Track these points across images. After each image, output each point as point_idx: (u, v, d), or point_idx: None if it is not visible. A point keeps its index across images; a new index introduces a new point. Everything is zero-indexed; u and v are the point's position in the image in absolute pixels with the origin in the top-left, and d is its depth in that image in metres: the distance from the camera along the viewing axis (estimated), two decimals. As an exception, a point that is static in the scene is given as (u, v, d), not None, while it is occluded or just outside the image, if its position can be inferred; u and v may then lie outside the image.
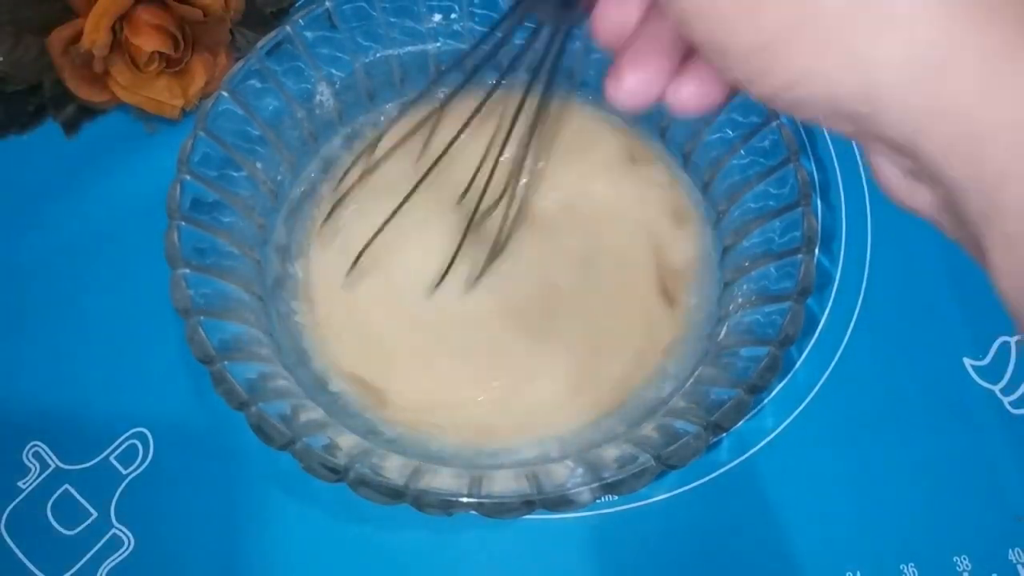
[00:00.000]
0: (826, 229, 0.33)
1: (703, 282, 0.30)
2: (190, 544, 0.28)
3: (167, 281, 0.25)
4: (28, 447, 0.29)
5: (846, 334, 0.31)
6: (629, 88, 0.18)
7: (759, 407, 0.30)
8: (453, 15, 0.32)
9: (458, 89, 0.27)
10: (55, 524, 0.28)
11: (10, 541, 0.28)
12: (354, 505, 0.24)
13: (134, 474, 0.29)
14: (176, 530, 0.28)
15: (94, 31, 0.29)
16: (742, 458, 0.29)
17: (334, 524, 0.28)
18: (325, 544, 0.28)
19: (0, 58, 0.31)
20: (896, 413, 0.30)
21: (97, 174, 0.33)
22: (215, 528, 0.28)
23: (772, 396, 0.30)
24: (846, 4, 0.13)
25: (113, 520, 0.28)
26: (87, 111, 0.33)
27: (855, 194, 0.34)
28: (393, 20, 0.31)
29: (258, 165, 0.30)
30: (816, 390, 0.30)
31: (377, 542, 0.28)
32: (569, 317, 0.29)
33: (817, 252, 0.27)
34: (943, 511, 0.28)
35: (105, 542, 0.28)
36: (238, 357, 0.25)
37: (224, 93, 0.28)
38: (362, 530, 0.28)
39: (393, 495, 0.23)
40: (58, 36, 0.30)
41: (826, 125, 0.16)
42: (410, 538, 0.28)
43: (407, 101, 0.29)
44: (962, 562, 0.28)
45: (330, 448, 0.24)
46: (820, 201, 0.33)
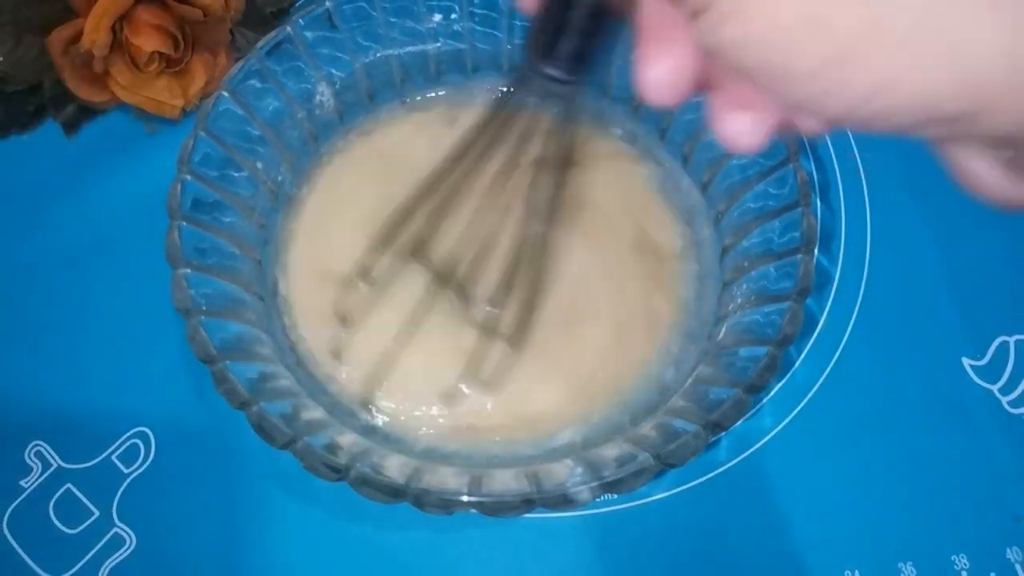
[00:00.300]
0: (825, 229, 0.33)
1: (702, 282, 0.30)
2: (191, 543, 0.28)
3: (168, 281, 0.25)
4: (30, 446, 0.29)
5: (845, 334, 0.31)
6: (743, 128, 0.15)
7: (758, 407, 0.30)
8: (453, 15, 0.32)
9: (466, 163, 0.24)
10: (57, 523, 0.28)
11: (12, 540, 0.28)
12: (355, 504, 0.24)
13: (136, 473, 0.29)
14: (177, 529, 0.28)
15: (94, 31, 0.29)
16: (741, 457, 0.29)
17: (335, 523, 0.28)
18: (325, 543, 0.28)
19: (0, 58, 0.31)
20: (895, 413, 0.30)
21: (97, 174, 0.33)
22: (216, 527, 0.28)
23: (771, 396, 0.30)
24: None
25: (115, 519, 0.28)
26: (87, 111, 0.33)
27: (854, 194, 0.34)
28: (393, 20, 0.31)
29: (258, 165, 0.30)
30: (815, 390, 0.30)
31: (377, 541, 0.28)
32: (569, 320, 0.29)
33: (816, 252, 0.27)
34: (941, 510, 0.28)
35: (107, 541, 0.28)
36: (239, 357, 0.25)
37: (224, 93, 0.28)
38: (363, 529, 0.28)
39: (394, 494, 0.23)
40: (58, 36, 0.30)
41: (910, 134, 0.14)
42: (410, 537, 0.28)
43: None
44: (960, 561, 0.28)
45: (331, 447, 0.24)
46: (819, 201, 0.34)
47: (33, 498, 0.28)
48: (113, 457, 0.29)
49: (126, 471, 0.29)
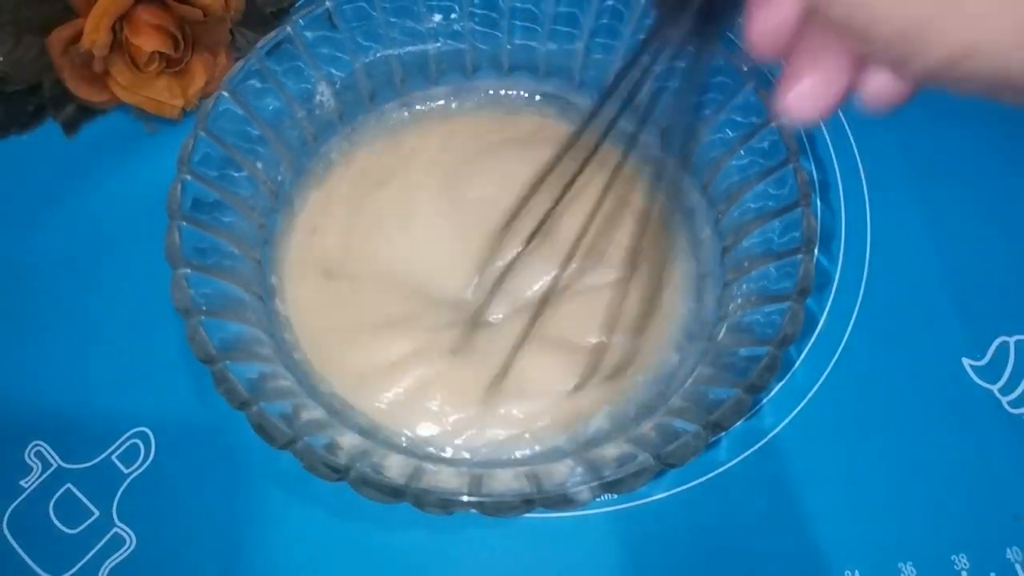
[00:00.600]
0: (825, 229, 0.33)
1: (702, 282, 0.30)
2: (191, 543, 0.28)
3: (167, 281, 0.25)
4: (30, 446, 0.29)
5: (845, 334, 0.31)
6: (806, 91, 0.17)
7: (758, 407, 0.30)
8: (453, 15, 0.32)
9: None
10: (57, 523, 0.28)
11: (12, 540, 0.28)
12: (355, 504, 0.24)
13: (136, 473, 0.29)
14: (177, 529, 0.28)
15: (94, 31, 0.29)
16: (741, 457, 0.29)
17: (335, 523, 0.28)
18: (325, 543, 0.28)
19: (0, 58, 0.31)
20: (895, 413, 0.30)
21: (97, 174, 0.33)
22: (216, 527, 0.28)
23: (771, 396, 0.30)
24: None
25: (115, 519, 0.28)
26: (87, 111, 0.33)
27: (854, 194, 0.34)
28: (393, 20, 0.31)
29: (258, 165, 0.30)
30: (815, 390, 0.30)
31: (377, 541, 0.28)
32: (568, 317, 0.29)
33: (816, 252, 0.27)
34: (941, 510, 0.28)
35: (107, 541, 0.28)
36: (239, 357, 0.25)
37: (224, 93, 0.28)
38: (363, 529, 0.28)
39: (394, 494, 0.23)
40: (58, 36, 0.30)
41: (990, 98, 0.15)
42: (410, 537, 0.28)
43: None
44: (960, 561, 0.28)
45: (331, 447, 0.24)
46: (819, 201, 0.34)
47: (33, 498, 0.28)
48: (113, 457, 0.29)
49: (126, 471, 0.29)
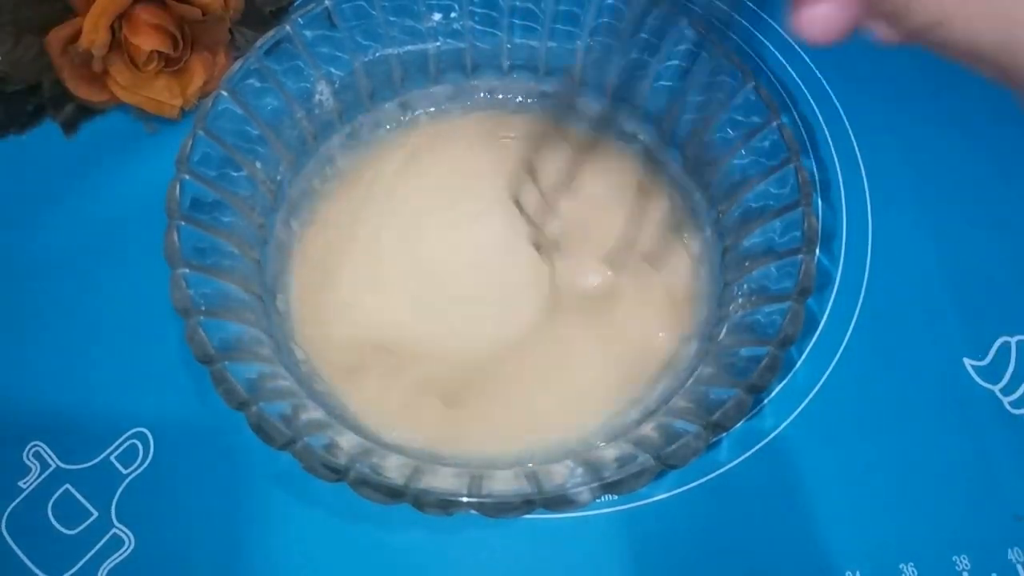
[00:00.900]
0: (827, 229, 0.33)
1: (703, 282, 0.30)
2: (190, 544, 0.28)
3: (167, 281, 0.25)
4: (28, 447, 0.29)
5: (846, 334, 0.31)
6: (820, 15, 0.17)
7: (759, 407, 0.30)
8: (453, 14, 0.32)
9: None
10: (55, 524, 0.28)
11: (11, 541, 0.28)
12: (354, 505, 0.24)
13: (134, 474, 0.29)
14: (176, 530, 0.28)
15: (93, 31, 0.29)
16: (742, 458, 0.29)
17: (335, 523, 0.28)
18: (325, 544, 0.28)
19: (-1, 57, 0.31)
20: (896, 413, 0.30)
21: (96, 174, 0.33)
22: (215, 528, 0.28)
23: (772, 396, 0.30)
24: None
25: (113, 520, 0.28)
26: (86, 111, 0.33)
27: (856, 194, 0.34)
28: (393, 19, 0.31)
29: (258, 165, 0.30)
30: (816, 390, 0.30)
31: (377, 542, 0.28)
32: (576, 324, 0.29)
33: (818, 252, 0.27)
34: (943, 511, 0.28)
35: (106, 542, 0.28)
36: (238, 357, 0.25)
37: (223, 92, 0.28)
38: (362, 530, 0.28)
39: (393, 495, 0.23)
40: (57, 36, 0.30)
41: (973, 69, 0.16)
42: (410, 538, 0.28)
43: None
44: (961, 561, 0.28)
45: (330, 448, 0.24)
46: (821, 201, 0.33)
47: (32, 499, 0.28)
48: (112, 458, 0.29)
49: (125, 472, 0.29)
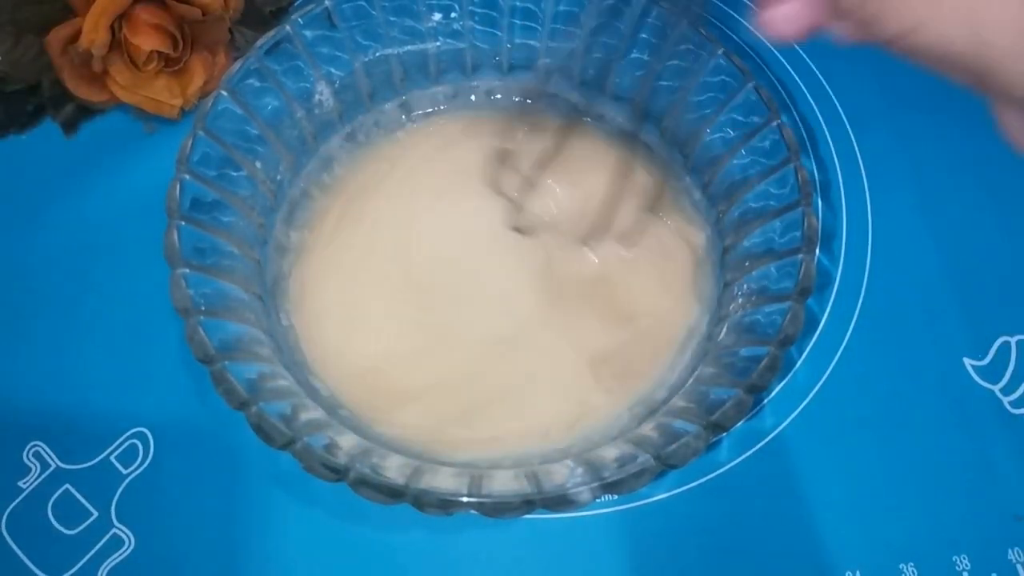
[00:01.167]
0: (827, 229, 0.33)
1: (703, 282, 0.30)
2: (190, 544, 0.28)
3: (167, 281, 0.25)
4: (28, 447, 0.29)
5: (846, 334, 0.31)
6: (786, 13, 0.18)
7: (759, 407, 0.30)
8: (453, 14, 0.32)
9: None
10: (55, 524, 0.28)
11: (11, 541, 0.28)
12: (354, 505, 0.24)
13: (134, 474, 0.29)
14: (176, 530, 0.28)
15: (93, 30, 0.29)
16: (742, 458, 0.29)
17: (334, 524, 0.28)
18: (325, 544, 0.28)
19: (-1, 57, 0.31)
20: (896, 413, 0.30)
21: (96, 174, 0.33)
22: (215, 528, 0.28)
23: (772, 396, 0.30)
24: None
25: (113, 520, 0.28)
26: (86, 111, 0.33)
27: (856, 194, 0.34)
28: (393, 19, 0.31)
29: (258, 164, 0.30)
30: (816, 390, 0.30)
31: (377, 542, 0.28)
32: (576, 319, 0.29)
33: (818, 252, 0.27)
34: (943, 511, 0.28)
35: (105, 542, 0.28)
36: (238, 357, 0.25)
37: (223, 92, 0.28)
38: (362, 530, 0.28)
39: (393, 495, 0.23)
40: (57, 36, 0.30)
41: (946, 75, 0.16)
42: (410, 538, 0.28)
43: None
44: (961, 562, 0.28)
45: (330, 448, 0.24)
46: (821, 201, 0.33)
47: (32, 499, 0.28)
48: (112, 458, 0.29)
49: (125, 472, 0.29)
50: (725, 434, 0.29)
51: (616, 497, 0.28)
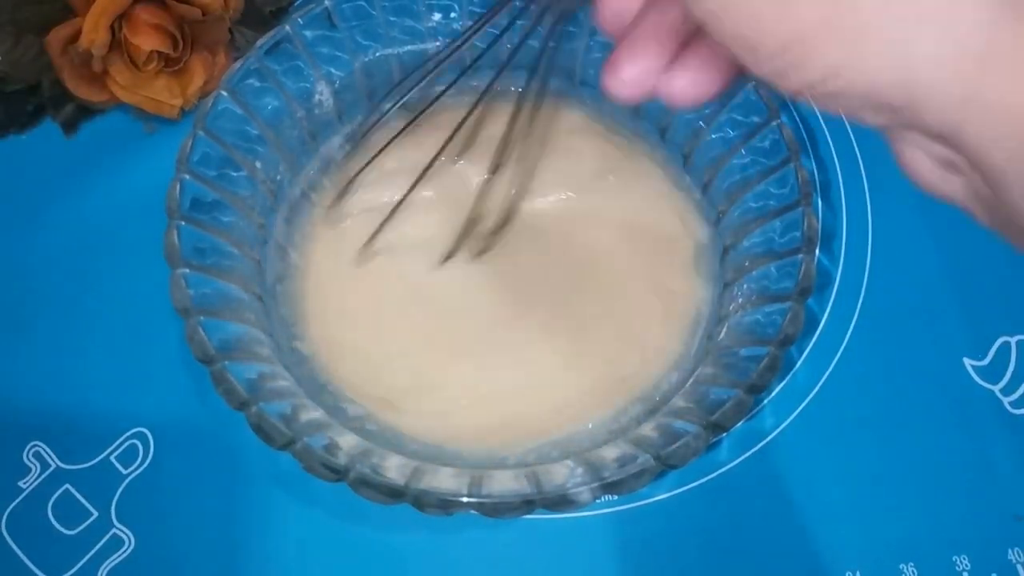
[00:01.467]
0: (827, 229, 0.33)
1: (703, 282, 0.30)
2: (190, 544, 0.28)
3: (167, 281, 0.25)
4: (28, 447, 0.29)
5: (846, 334, 0.31)
6: (626, 79, 0.18)
7: (759, 407, 0.30)
8: (453, 14, 0.32)
9: (450, 86, 0.28)
10: (55, 524, 0.28)
11: (11, 541, 0.28)
12: (354, 505, 0.24)
13: (134, 474, 0.29)
14: (176, 530, 0.28)
15: (93, 30, 0.29)
16: (742, 458, 0.29)
17: (334, 524, 0.28)
18: (325, 544, 0.28)
19: (-1, 57, 0.31)
20: (896, 413, 0.30)
21: (96, 174, 0.33)
22: (215, 528, 0.28)
23: (772, 396, 0.30)
24: None
25: (113, 520, 0.28)
26: (86, 111, 0.33)
27: (856, 194, 0.34)
28: (393, 19, 0.31)
29: (257, 164, 0.30)
30: (816, 390, 0.30)
31: (377, 542, 0.28)
32: (571, 319, 0.29)
33: (817, 252, 0.27)
34: (943, 511, 0.28)
35: (105, 542, 0.28)
36: (238, 357, 0.25)
37: (223, 92, 0.28)
38: (362, 530, 0.28)
39: (393, 495, 0.23)
40: (57, 36, 0.30)
41: (858, 117, 0.16)
42: (410, 538, 0.28)
43: (401, 98, 0.30)
44: (962, 562, 0.28)
45: (330, 448, 0.24)
46: (821, 201, 0.33)
47: (31, 499, 0.28)
48: (112, 458, 0.29)
49: (125, 472, 0.29)
50: (725, 434, 0.29)
51: (616, 497, 0.28)
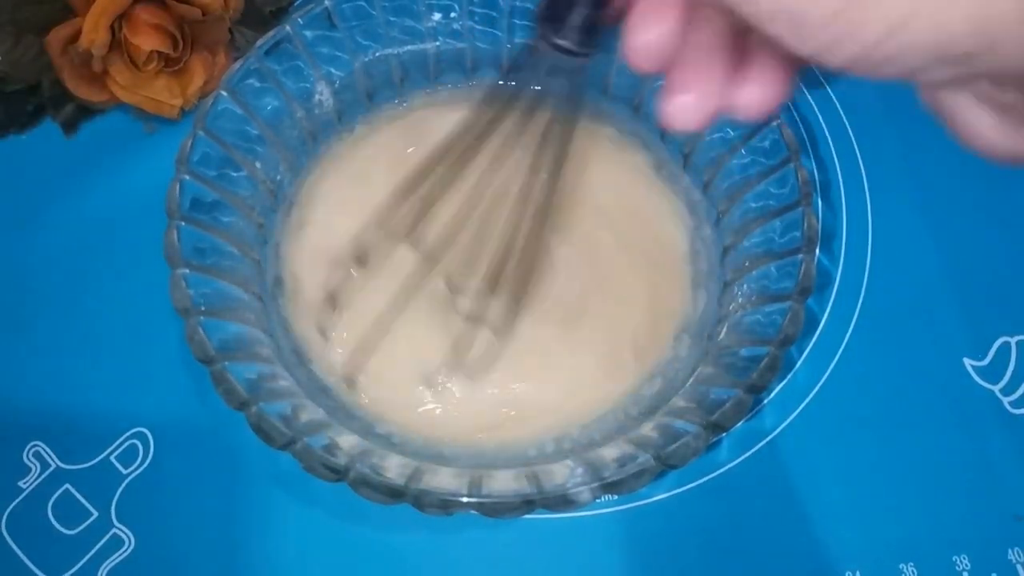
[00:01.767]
0: (827, 229, 0.33)
1: (702, 281, 0.30)
2: (190, 544, 0.28)
3: (167, 281, 0.25)
4: (28, 447, 0.29)
5: (846, 334, 0.31)
6: (686, 106, 0.17)
7: (759, 407, 0.30)
8: (453, 14, 0.32)
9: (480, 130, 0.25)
10: (55, 524, 0.28)
11: (10, 541, 0.28)
12: (354, 505, 0.24)
13: (134, 474, 0.29)
14: (176, 530, 0.28)
15: (93, 30, 0.29)
16: (742, 458, 0.29)
17: (334, 524, 0.28)
18: (325, 544, 0.28)
19: (-1, 57, 0.31)
20: (896, 413, 0.30)
21: (96, 174, 0.33)
22: (215, 528, 0.28)
23: (772, 396, 0.30)
24: None
25: (113, 520, 0.28)
26: (86, 111, 0.33)
27: (856, 194, 0.34)
28: (393, 19, 0.31)
29: (257, 165, 0.30)
30: (816, 390, 0.30)
31: (377, 542, 0.28)
32: (577, 320, 0.29)
33: (817, 252, 0.27)
34: (943, 511, 0.28)
35: (105, 542, 0.28)
36: (238, 357, 0.25)
37: (223, 92, 0.28)
38: (362, 530, 0.28)
39: (393, 495, 0.23)
40: (57, 36, 0.30)
41: (918, 77, 0.14)
42: (410, 538, 0.28)
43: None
44: (962, 562, 0.28)
45: (330, 448, 0.24)
46: (821, 201, 0.33)
47: (31, 499, 0.28)
48: (112, 458, 0.29)
49: (125, 472, 0.29)
50: (725, 434, 0.29)
51: (616, 497, 0.28)
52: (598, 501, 0.25)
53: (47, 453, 0.29)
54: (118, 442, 0.29)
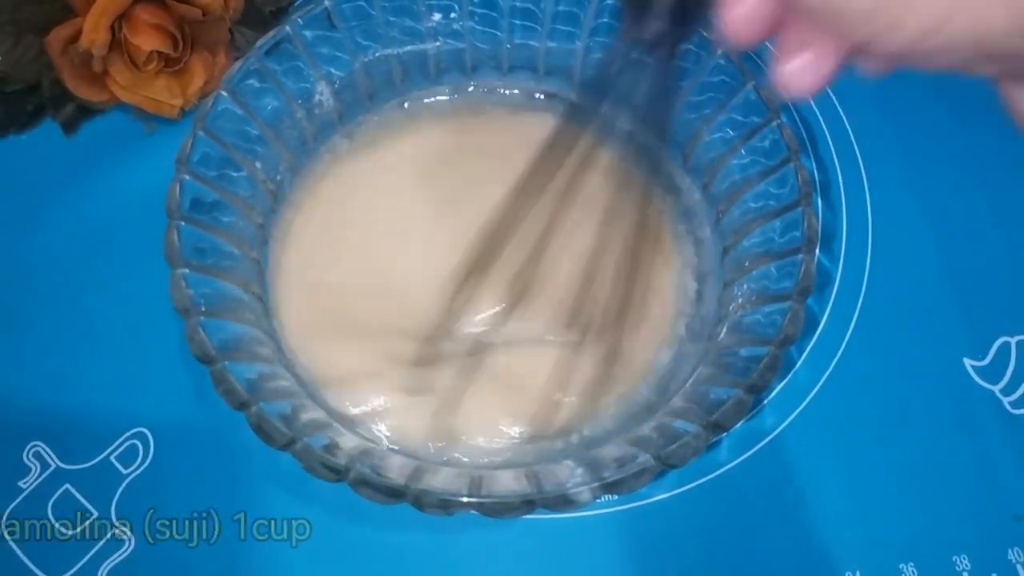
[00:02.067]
0: (826, 229, 0.33)
1: (702, 281, 0.30)
2: (190, 544, 0.28)
3: (167, 281, 0.25)
4: (28, 447, 0.29)
5: (846, 334, 0.31)
6: (804, 67, 0.16)
7: (759, 407, 0.30)
8: (453, 14, 0.32)
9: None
10: (55, 524, 0.28)
11: (10, 541, 0.28)
12: (355, 505, 0.24)
13: (134, 474, 0.29)
14: (176, 530, 0.28)
15: (93, 30, 0.29)
16: (742, 458, 0.29)
17: (334, 524, 0.28)
18: (325, 544, 0.28)
19: (-1, 57, 0.31)
20: (896, 413, 0.30)
21: (96, 174, 0.33)
22: (215, 528, 0.28)
23: (772, 396, 0.30)
24: None
25: (113, 520, 0.28)
26: (86, 111, 0.33)
27: (856, 194, 0.34)
28: (392, 19, 0.31)
29: (257, 165, 0.30)
30: (816, 390, 0.30)
31: (377, 542, 0.28)
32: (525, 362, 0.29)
33: (817, 252, 0.27)
34: (943, 511, 0.28)
35: (106, 542, 0.28)
36: (238, 357, 0.25)
37: (223, 93, 0.28)
38: (362, 530, 0.28)
39: (393, 495, 0.23)
40: (57, 36, 0.30)
41: (970, 69, 0.14)
42: (410, 538, 0.28)
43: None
44: (961, 562, 0.28)
45: (330, 448, 0.24)
46: (821, 201, 0.33)
47: (31, 499, 0.28)
48: (112, 458, 0.29)
49: (125, 472, 0.29)
50: (725, 434, 0.28)
51: (616, 497, 0.28)
52: (598, 501, 0.25)
53: (47, 453, 0.29)
54: (118, 442, 0.29)
